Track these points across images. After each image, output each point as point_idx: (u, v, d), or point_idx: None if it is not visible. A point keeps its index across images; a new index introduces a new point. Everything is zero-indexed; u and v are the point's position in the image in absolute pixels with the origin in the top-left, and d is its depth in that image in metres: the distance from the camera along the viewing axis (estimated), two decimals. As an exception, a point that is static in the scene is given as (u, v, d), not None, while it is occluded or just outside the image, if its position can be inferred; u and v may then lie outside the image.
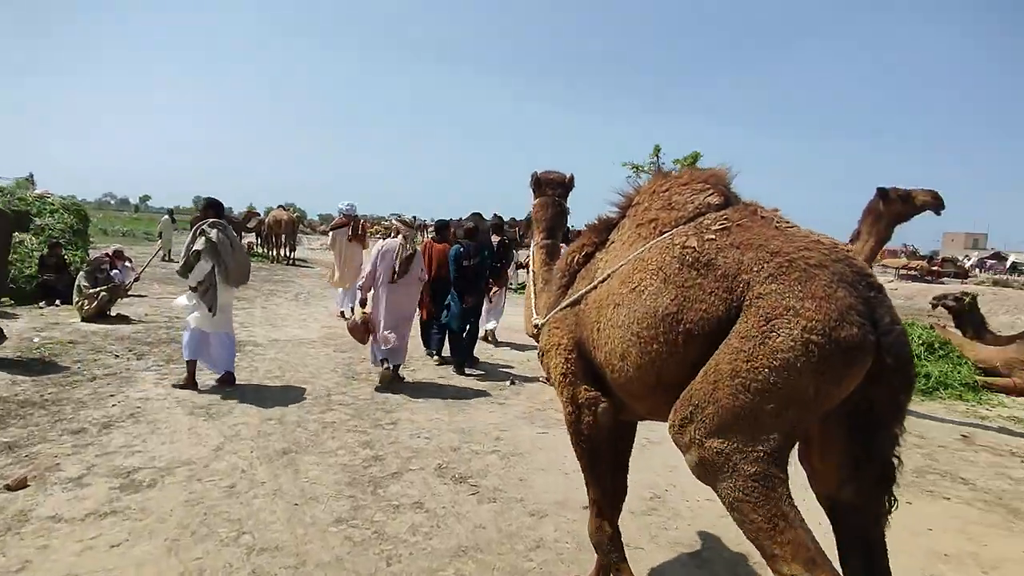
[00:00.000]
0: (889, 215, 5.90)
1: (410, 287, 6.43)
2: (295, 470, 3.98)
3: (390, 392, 5.99)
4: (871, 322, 1.68)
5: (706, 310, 1.85)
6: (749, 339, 1.72)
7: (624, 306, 2.06)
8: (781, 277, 1.74)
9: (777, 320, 1.68)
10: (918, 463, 4.86)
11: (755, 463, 1.70)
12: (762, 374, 1.67)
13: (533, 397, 6.11)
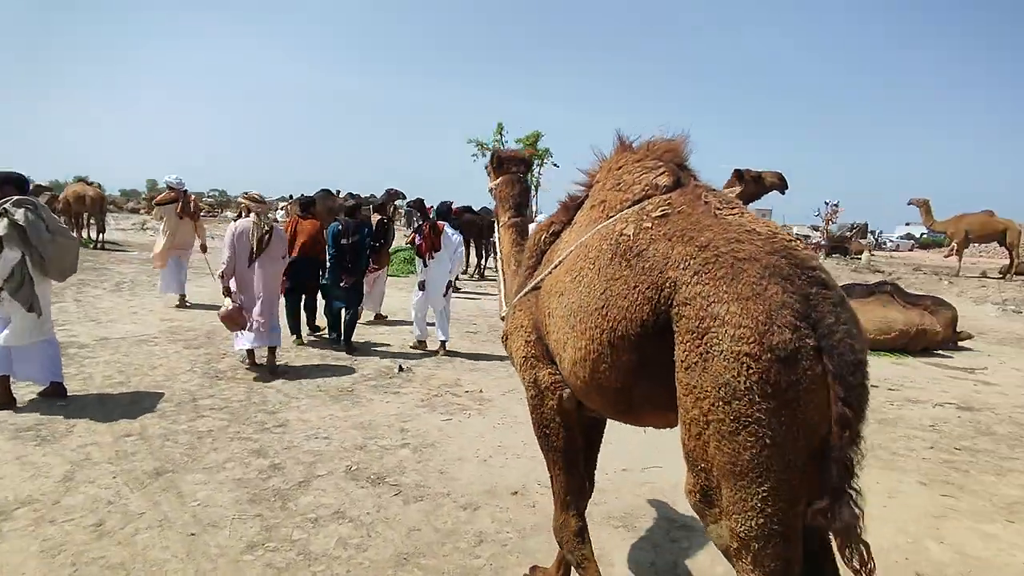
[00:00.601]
0: (744, 195, 6.55)
1: (273, 266, 6.04)
2: (177, 493, 3.38)
3: (273, 378, 5.40)
4: (809, 323, 1.42)
5: (629, 309, 1.66)
6: (692, 369, 1.49)
7: (566, 295, 1.94)
8: (706, 276, 1.52)
9: (708, 335, 1.46)
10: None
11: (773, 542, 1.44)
12: (720, 413, 1.42)
13: (426, 383, 5.87)
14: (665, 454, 4.28)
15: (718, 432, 1.44)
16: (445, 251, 7.20)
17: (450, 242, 7.26)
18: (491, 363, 6.78)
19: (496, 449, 4.28)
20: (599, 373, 1.79)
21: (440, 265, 7.22)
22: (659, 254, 1.66)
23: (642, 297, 1.64)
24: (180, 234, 9.21)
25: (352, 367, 6.31)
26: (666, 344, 1.59)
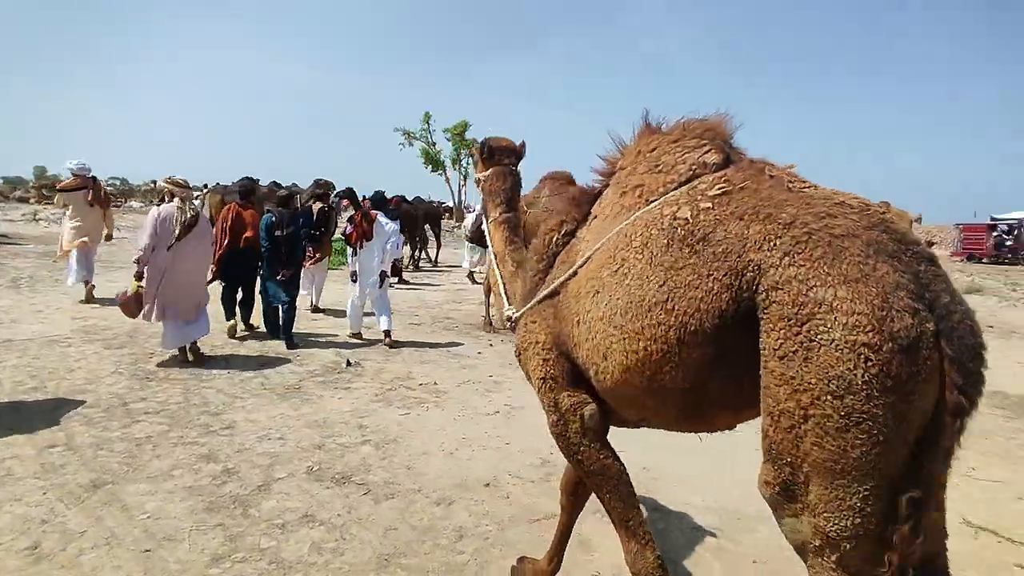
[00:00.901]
0: None
1: (198, 254, 5.85)
2: (122, 506, 3.09)
3: (203, 369, 5.05)
4: (926, 305, 1.29)
5: (702, 299, 1.49)
6: (789, 359, 1.33)
7: (604, 293, 1.72)
8: (800, 256, 1.36)
9: (811, 322, 1.30)
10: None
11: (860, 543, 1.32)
12: (827, 408, 1.28)
13: (377, 376, 5.69)
14: (625, 439, 4.36)
15: (820, 427, 1.30)
16: (377, 240, 7.07)
17: (383, 231, 7.12)
18: (440, 354, 6.66)
19: (460, 442, 4.20)
20: (663, 375, 1.59)
21: (372, 254, 7.08)
22: (732, 235, 1.49)
23: (718, 284, 1.47)
24: (89, 223, 8.50)
25: (296, 362, 6.01)
26: (749, 333, 1.44)
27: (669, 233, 1.62)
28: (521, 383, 5.59)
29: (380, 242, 7.09)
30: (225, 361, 5.91)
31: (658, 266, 1.59)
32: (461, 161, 37.61)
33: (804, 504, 1.38)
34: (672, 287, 1.55)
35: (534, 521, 3.17)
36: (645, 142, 1.97)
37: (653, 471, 3.84)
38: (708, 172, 1.76)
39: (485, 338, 7.66)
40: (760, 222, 1.48)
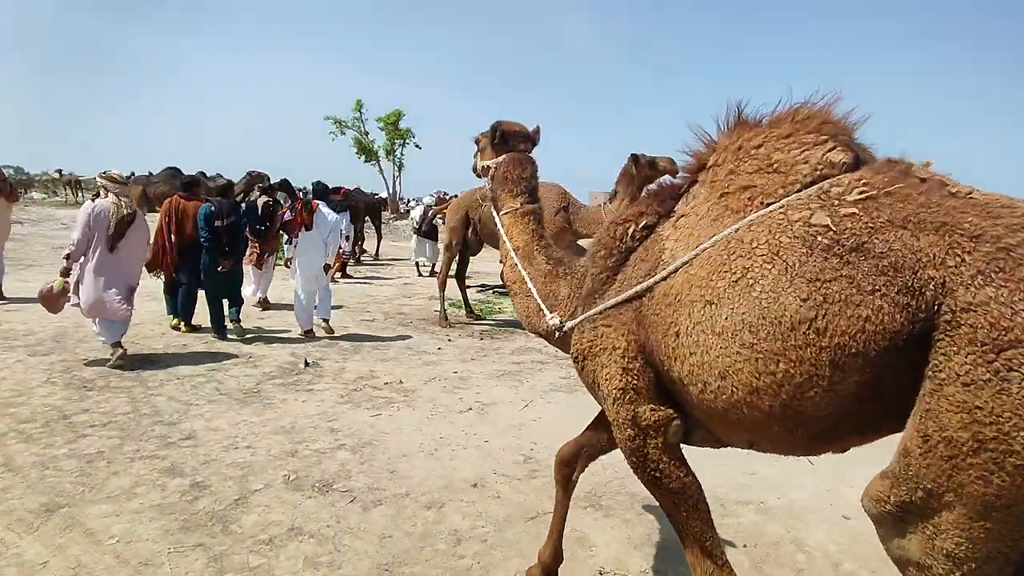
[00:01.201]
0: (640, 178, 6.88)
1: (133, 253, 5.61)
2: (85, 531, 2.82)
3: (123, 369, 4.70)
4: None
5: (870, 319, 1.34)
6: (978, 387, 1.20)
7: (723, 305, 1.54)
8: (1000, 277, 1.22)
9: (1011, 351, 1.18)
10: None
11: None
12: (1018, 444, 1.16)
13: (339, 377, 5.48)
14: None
15: (995, 463, 1.19)
16: (318, 231, 6.92)
17: (325, 222, 6.98)
18: (399, 351, 6.51)
19: (439, 442, 4.12)
20: (804, 400, 1.43)
21: (312, 244, 6.95)
22: (899, 247, 1.35)
23: (888, 303, 1.33)
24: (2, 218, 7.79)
25: (249, 363, 5.71)
26: (917, 356, 1.31)
27: (806, 241, 1.47)
28: (490, 380, 5.58)
29: (322, 233, 6.95)
30: (171, 365, 5.52)
31: (798, 278, 1.44)
32: (395, 151, 36.88)
33: (926, 526, 1.30)
34: (821, 303, 1.39)
35: (530, 520, 3.15)
36: (745, 137, 1.78)
37: (634, 462, 3.90)
38: (836, 172, 1.59)
39: (442, 333, 7.55)
40: (934, 233, 1.33)
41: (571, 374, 5.91)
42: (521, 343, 7.17)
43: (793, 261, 1.47)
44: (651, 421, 1.80)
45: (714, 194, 1.78)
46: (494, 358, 6.46)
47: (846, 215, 1.45)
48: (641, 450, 1.84)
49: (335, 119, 35.60)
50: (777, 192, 1.63)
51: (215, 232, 6.45)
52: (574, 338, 2.04)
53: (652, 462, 1.83)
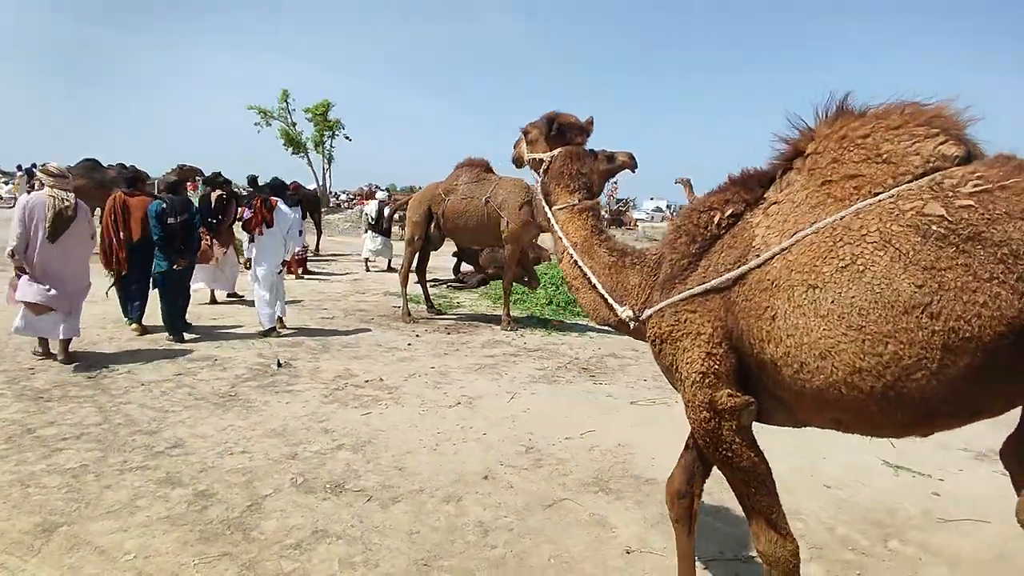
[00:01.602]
0: (599, 173, 7.08)
1: (76, 248, 5.45)
2: (95, 549, 2.66)
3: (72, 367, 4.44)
4: None
5: (986, 304, 1.42)
6: None
7: (828, 289, 1.61)
8: None
9: None
10: (651, 370, 6.16)
11: None
12: None
13: (316, 376, 5.34)
14: (589, 416, 4.60)
15: None
16: (278, 227, 6.86)
17: (285, 219, 6.94)
18: (370, 348, 6.41)
19: (437, 437, 4.13)
20: (910, 382, 1.52)
21: (272, 241, 6.86)
22: (1017, 236, 1.42)
23: (1007, 290, 1.41)
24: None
25: (217, 366, 5.46)
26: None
27: (919, 230, 1.53)
28: (469, 374, 5.61)
29: (281, 230, 6.89)
30: (130, 371, 5.20)
31: (913, 265, 1.50)
32: (324, 143, 35.68)
33: None
34: (936, 289, 1.47)
35: (548, 507, 3.24)
36: (850, 127, 1.79)
37: (628, 447, 4.08)
38: (949, 165, 1.63)
39: (407, 329, 7.48)
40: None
41: (546, 365, 6.05)
42: (488, 336, 7.23)
43: (907, 249, 1.53)
44: (728, 406, 1.86)
45: (813, 181, 1.80)
46: (466, 352, 6.49)
47: (961, 206, 1.51)
48: (715, 432, 1.91)
49: (260, 109, 33.99)
50: (886, 182, 1.67)
51: (169, 229, 6.22)
52: (652, 322, 2.07)
53: (725, 443, 1.90)
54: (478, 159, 7.80)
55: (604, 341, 7.21)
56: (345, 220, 29.10)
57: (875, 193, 1.66)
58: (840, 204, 1.71)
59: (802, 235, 1.72)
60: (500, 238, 7.55)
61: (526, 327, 7.82)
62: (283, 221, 6.91)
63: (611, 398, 5.12)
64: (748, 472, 1.92)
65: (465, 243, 8.38)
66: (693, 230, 2.03)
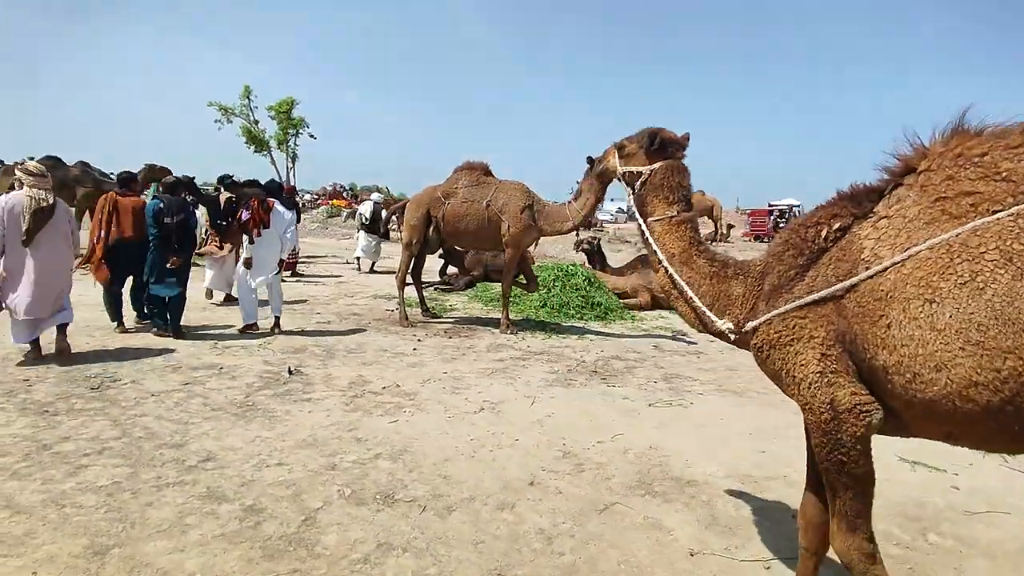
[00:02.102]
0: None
1: (56, 247, 5.39)
2: (157, 571, 2.55)
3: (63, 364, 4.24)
4: None
5: None
6: None
7: (945, 304, 1.66)
8: None
9: None
10: (669, 371, 6.27)
11: None
12: None
13: (331, 383, 5.24)
14: (612, 419, 4.65)
15: None
16: (275, 228, 6.90)
17: (281, 220, 6.99)
18: (376, 354, 6.32)
19: (471, 443, 4.11)
20: None
21: (269, 243, 6.89)
22: None
23: None
24: None
25: (224, 374, 5.29)
26: None
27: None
28: (483, 379, 5.58)
29: (279, 231, 6.94)
30: (133, 380, 4.99)
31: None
32: (288, 141, 34.92)
33: None
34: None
35: (603, 511, 3.27)
36: (966, 145, 1.83)
37: (661, 449, 4.14)
38: None
39: (407, 333, 7.41)
40: None
41: (556, 368, 6.09)
42: (490, 340, 7.22)
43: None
44: (850, 404, 1.87)
45: (926, 198, 1.83)
46: (473, 356, 6.46)
47: None
48: (835, 433, 1.91)
49: (220, 106, 33.02)
50: (1006, 200, 1.69)
51: (166, 229, 6.31)
52: (760, 330, 2.14)
53: (844, 446, 1.91)
54: (478, 162, 7.78)
55: (605, 344, 7.30)
56: (312, 220, 28.56)
57: (993, 211, 1.69)
58: (955, 221, 1.74)
59: (916, 250, 1.77)
60: (500, 242, 7.55)
61: (524, 330, 7.85)
62: (280, 222, 6.96)
63: (628, 400, 5.19)
64: (858, 480, 1.96)
65: (464, 247, 8.34)
66: (800, 243, 2.10)
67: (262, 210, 6.82)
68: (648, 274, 10.34)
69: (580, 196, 7.29)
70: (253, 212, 6.80)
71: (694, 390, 5.61)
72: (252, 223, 6.79)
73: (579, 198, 7.30)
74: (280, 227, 6.95)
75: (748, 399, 5.40)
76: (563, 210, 7.39)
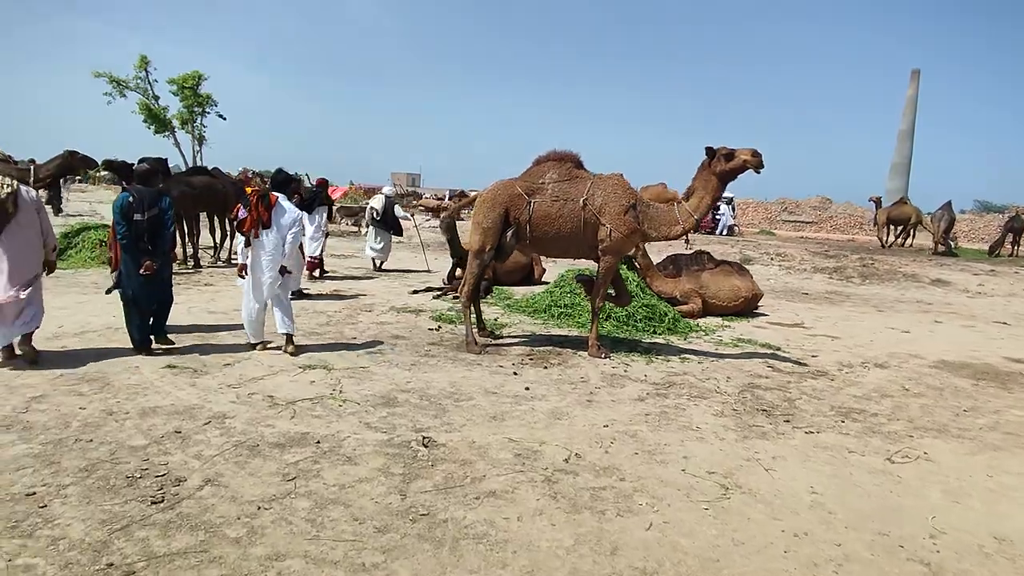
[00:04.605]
0: (720, 173, 6.07)
1: (23, 236, 4.97)
2: None
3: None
4: None
5: None
6: None
7: None
8: None
9: None
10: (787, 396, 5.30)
11: None
12: None
13: (487, 456, 3.73)
14: (889, 492, 3.60)
15: None
16: (276, 229, 5.79)
17: (286, 219, 5.84)
18: (486, 399, 4.85)
19: (787, 558, 2.88)
20: None
21: (269, 246, 5.78)
22: None
23: None
24: None
25: (335, 452, 3.64)
26: None
27: None
28: (659, 432, 4.21)
29: (281, 232, 5.81)
30: (210, 478, 3.26)
31: None
32: (195, 121, 30.80)
33: None
34: None
35: None
36: None
37: (1006, 541, 3.14)
38: None
39: (486, 361, 5.94)
40: None
41: (715, 407, 4.95)
42: (591, 368, 5.93)
43: None
44: None
45: None
46: (608, 396, 5.12)
47: None
48: None
49: (111, 77, 28.26)
50: None
51: (134, 227, 5.37)
52: None
53: None
54: (567, 152, 6.38)
55: (717, 366, 6.25)
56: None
57: None
58: None
59: None
60: (595, 249, 6.26)
61: (611, 350, 6.62)
62: (283, 222, 5.82)
63: (858, 455, 4.16)
64: None
65: (553, 255, 6.85)
66: None
67: (262, 206, 5.73)
68: (699, 277, 9.45)
69: (693, 195, 6.17)
70: (251, 209, 5.72)
71: (897, 432, 4.68)
72: (248, 222, 5.71)
73: (691, 197, 6.17)
74: (284, 228, 5.80)
75: (971, 442, 4.55)
76: (671, 212, 6.21)
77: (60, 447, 3.54)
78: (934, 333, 8.88)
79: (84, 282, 8.97)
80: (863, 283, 14.94)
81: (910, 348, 7.65)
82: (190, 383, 4.78)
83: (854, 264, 16.99)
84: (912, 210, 24.44)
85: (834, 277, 15.52)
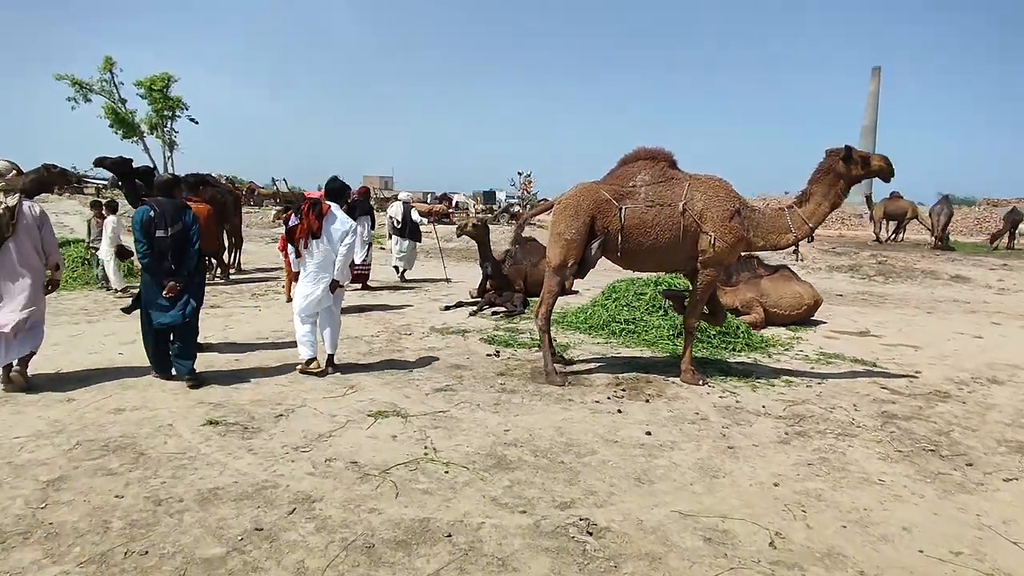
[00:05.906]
0: (849, 178, 5.33)
1: (24, 254, 4.59)
2: None
3: None
4: None
5: None
6: None
7: None
8: None
9: None
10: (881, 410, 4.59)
11: None
12: None
13: (670, 544, 2.90)
14: None
15: None
16: (327, 240, 5.37)
17: (339, 229, 5.42)
18: (607, 448, 3.99)
19: None
20: None
21: (319, 257, 5.37)
22: None
23: None
24: None
25: (480, 553, 2.74)
26: None
27: None
28: (841, 491, 3.16)
29: (333, 244, 5.40)
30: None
31: None
32: (164, 125, 29.03)
33: None
34: None
35: None
36: None
37: None
38: None
39: (576, 394, 5.07)
40: None
41: (876, 448, 4.17)
42: (697, 400, 5.12)
43: None
44: None
45: None
46: (741, 439, 4.31)
47: None
48: None
49: (73, 79, 26.32)
50: None
51: (156, 244, 4.90)
52: None
53: None
54: (659, 150, 5.52)
55: (829, 391, 5.50)
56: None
57: None
58: None
59: None
60: (694, 259, 5.44)
61: (704, 375, 5.82)
62: (335, 232, 5.39)
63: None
64: None
65: (646, 268, 5.95)
66: None
67: (312, 215, 5.32)
68: (758, 284, 8.73)
69: (809, 200, 5.40)
70: (302, 217, 5.33)
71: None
72: (299, 232, 5.32)
73: (807, 202, 5.41)
74: (336, 238, 5.38)
75: None
76: (782, 218, 5.43)
77: (105, 566, 2.56)
78: (1007, 338, 8.33)
79: (71, 308, 7.83)
80: (887, 282, 14.53)
81: (996, 356, 7.08)
82: (245, 447, 3.80)
83: (869, 262, 16.62)
84: (908, 204, 24.38)
85: (855, 276, 15.10)
